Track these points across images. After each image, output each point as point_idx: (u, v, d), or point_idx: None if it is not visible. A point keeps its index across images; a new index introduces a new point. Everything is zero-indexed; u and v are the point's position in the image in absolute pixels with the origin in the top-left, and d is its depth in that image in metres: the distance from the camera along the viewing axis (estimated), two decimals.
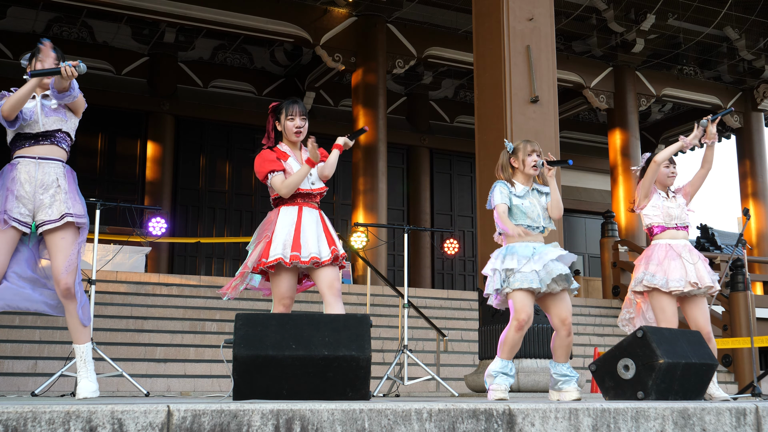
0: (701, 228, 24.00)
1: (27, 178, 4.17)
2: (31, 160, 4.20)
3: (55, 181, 4.21)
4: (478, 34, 8.94)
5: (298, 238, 4.55)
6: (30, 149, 4.23)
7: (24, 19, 15.79)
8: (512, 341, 4.82)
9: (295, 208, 4.65)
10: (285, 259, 4.49)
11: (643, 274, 5.43)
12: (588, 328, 11.87)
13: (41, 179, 4.18)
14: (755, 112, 19.01)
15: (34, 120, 4.24)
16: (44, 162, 4.22)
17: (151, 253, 14.40)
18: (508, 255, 4.84)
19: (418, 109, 19.40)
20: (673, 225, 5.53)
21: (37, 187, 4.17)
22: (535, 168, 4.90)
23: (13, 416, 2.49)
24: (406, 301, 7.96)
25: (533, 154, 4.92)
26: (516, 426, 3.18)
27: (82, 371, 4.45)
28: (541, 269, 4.74)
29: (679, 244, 5.49)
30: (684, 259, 5.41)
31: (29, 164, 4.19)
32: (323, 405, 2.92)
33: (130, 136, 16.93)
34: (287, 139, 4.77)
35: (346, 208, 17.93)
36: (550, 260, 4.75)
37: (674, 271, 5.36)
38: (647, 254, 5.55)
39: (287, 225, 4.59)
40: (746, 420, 3.68)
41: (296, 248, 4.52)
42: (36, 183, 4.16)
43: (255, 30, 15.01)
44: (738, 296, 11.32)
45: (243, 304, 10.23)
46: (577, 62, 17.32)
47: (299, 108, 4.73)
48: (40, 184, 4.17)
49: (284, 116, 4.73)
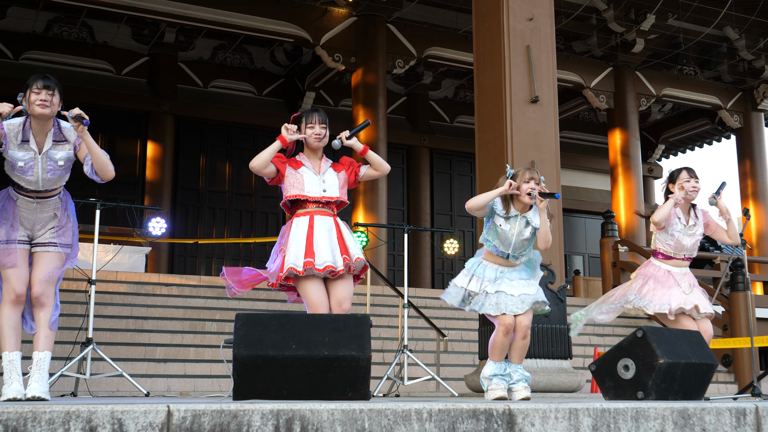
0: None
1: (27, 215, 4.33)
2: (30, 201, 4.32)
3: (52, 217, 4.38)
4: (478, 34, 8.94)
5: (311, 245, 4.54)
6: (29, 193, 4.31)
7: (24, 19, 15.79)
8: (501, 345, 4.96)
9: (306, 218, 4.66)
10: (297, 268, 4.48)
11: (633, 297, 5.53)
12: (588, 328, 11.86)
13: (39, 216, 4.35)
14: (755, 112, 19.01)
15: (34, 179, 4.27)
16: (43, 201, 4.34)
17: (151, 253, 14.40)
18: (474, 276, 5.00)
19: (418, 109, 19.39)
20: (681, 256, 5.56)
21: (36, 223, 4.36)
22: (530, 197, 4.89)
23: (13, 416, 2.49)
24: (406, 301, 7.96)
25: (531, 181, 4.90)
26: (516, 426, 3.18)
27: (36, 376, 4.35)
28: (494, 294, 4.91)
29: (680, 272, 5.54)
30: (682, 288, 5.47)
31: (29, 203, 4.32)
32: (323, 405, 2.92)
33: (130, 136, 16.92)
34: (308, 147, 4.79)
35: (346, 208, 17.91)
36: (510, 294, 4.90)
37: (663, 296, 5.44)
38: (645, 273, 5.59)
39: (299, 235, 4.60)
40: (746, 420, 3.68)
41: (309, 255, 4.50)
42: (35, 219, 4.34)
43: (255, 30, 15.01)
44: (738, 296, 11.32)
45: (243, 304, 10.23)
46: (577, 62, 17.32)
47: (319, 116, 4.77)
48: (38, 219, 4.35)
49: (304, 125, 4.76)
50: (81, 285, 8.43)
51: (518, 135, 8.38)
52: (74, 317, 8.71)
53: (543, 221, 4.95)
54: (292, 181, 4.70)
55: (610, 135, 17.81)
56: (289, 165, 4.73)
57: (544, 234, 4.95)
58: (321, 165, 4.79)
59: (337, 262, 4.56)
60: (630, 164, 17.32)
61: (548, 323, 7.73)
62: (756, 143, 18.83)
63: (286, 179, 4.72)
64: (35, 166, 4.24)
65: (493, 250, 4.99)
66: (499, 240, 4.94)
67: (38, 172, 4.25)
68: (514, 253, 4.96)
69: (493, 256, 5.02)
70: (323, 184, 4.73)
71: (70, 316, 8.82)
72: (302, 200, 4.69)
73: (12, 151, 4.23)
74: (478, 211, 4.95)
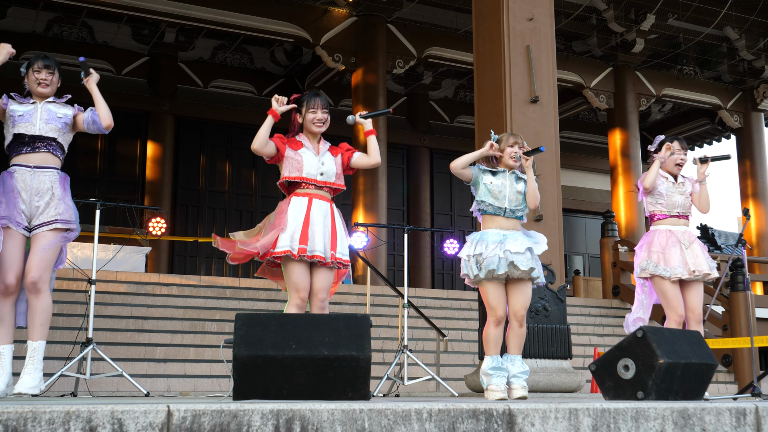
0: (701, 228, 23.99)
1: (23, 186, 4.47)
2: (27, 169, 4.51)
3: (49, 189, 4.52)
4: (478, 34, 8.94)
5: (306, 230, 4.60)
6: (26, 157, 4.53)
7: (24, 19, 15.79)
8: (494, 337, 4.97)
9: (305, 199, 4.69)
10: (293, 252, 4.53)
11: (646, 263, 5.58)
12: (588, 328, 11.87)
13: (36, 187, 4.48)
14: (755, 112, 19.01)
15: (31, 123, 4.54)
16: (39, 171, 4.52)
17: (151, 253, 14.39)
18: (479, 241, 4.96)
19: (418, 109, 19.39)
20: (675, 213, 5.60)
21: (33, 195, 4.47)
22: (514, 159, 5.05)
23: (13, 416, 2.49)
24: (406, 301, 7.96)
25: (515, 146, 5.07)
26: (516, 426, 3.18)
27: (29, 367, 4.57)
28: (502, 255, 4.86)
29: (679, 230, 5.57)
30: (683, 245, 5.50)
31: (25, 173, 4.50)
32: (323, 405, 2.92)
33: (130, 136, 16.92)
34: (308, 130, 4.81)
35: (346, 208, 17.89)
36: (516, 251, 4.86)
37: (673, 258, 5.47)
38: (648, 240, 5.64)
39: (297, 217, 4.62)
40: (746, 420, 3.68)
41: (304, 241, 4.56)
42: (32, 191, 4.47)
43: (255, 30, 15.01)
44: (738, 296, 11.32)
45: (243, 305, 10.23)
46: (577, 62, 17.32)
47: (321, 101, 4.81)
48: (36, 191, 4.48)
49: (306, 108, 4.78)
50: (81, 285, 8.43)
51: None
52: (74, 317, 8.72)
53: (530, 178, 5.07)
54: (291, 161, 4.71)
55: (610, 135, 17.81)
56: (289, 145, 4.75)
57: (532, 191, 5.04)
58: (320, 147, 4.81)
59: (326, 252, 4.64)
60: (630, 164, 17.32)
61: (548, 323, 7.73)
62: (756, 143, 18.83)
63: (285, 159, 4.73)
64: (34, 113, 4.59)
65: (489, 210, 5.01)
66: (492, 196, 4.99)
67: (37, 118, 4.57)
68: (510, 206, 5.00)
69: (492, 220, 5.02)
70: (322, 167, 4.75)
71: (70, 316, 8.83)
72: (299, 183, 4.72)
73: (13, 106, 4.61)
74: (463, 170, 5.01)
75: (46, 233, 4.48)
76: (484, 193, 5.03)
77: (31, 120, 4.55)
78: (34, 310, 4.55)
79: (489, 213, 5.04)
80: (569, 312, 10.87)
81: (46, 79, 4.66)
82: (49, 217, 4.49)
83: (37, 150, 4.52)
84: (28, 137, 4.53)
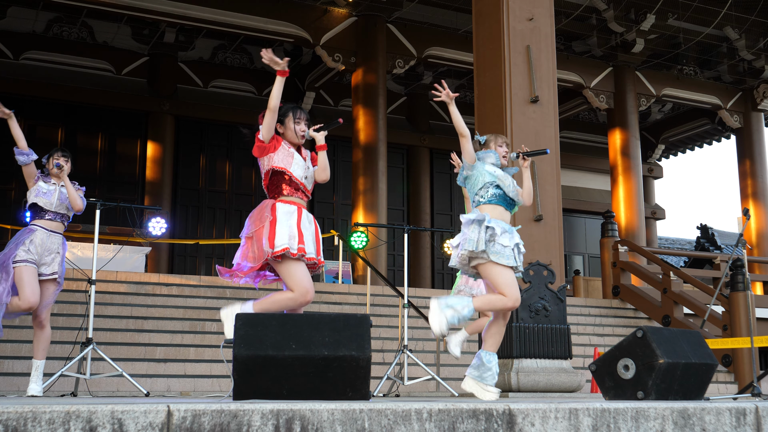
0: (701, 228, 24.00)
1: (39, 242, 6.04)
2: (45, 231, 6.08)
3: (56, 249, 6.13)
4: (478, 34, 8.94)
5: (302, 235, 4.61)
6: (45, 222, 6.12)
7: (24, 19, 15.80)
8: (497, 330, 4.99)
9: (294, 207, 4.67)
10: (292, 250, 4.52)
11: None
12: (588, 328, 11.87)
13: (48, 246, 6.07)
14: (755, 112, 19.01)
15: (50, 201, 6.14)
16: (53, 234, 6.13)
17: (151, 253, 14.40)
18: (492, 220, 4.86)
19: (418, 109, 19.40)
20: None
21: (44, 251, 6.05)
22: (505, 158, 5.05)
23: (13, 416, 2.49)
24: (406, 301, 7.96)
25: (504, 145, 5.09)
26: (516, 426, 3.18)
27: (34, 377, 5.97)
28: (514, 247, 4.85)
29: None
30: None
31: (43, 234, 6.07)
32: (323, 405, 2.92)
33: (130, 136, 16.93)
34: (290, 140, 4.80)
35: (346, 208, 17.93)
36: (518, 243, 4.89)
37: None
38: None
39: (291, 220, 4.60)
40: (746, 420, 3.68)
41: (302, 242, 4.57)
42: (44, 248, 6.05)
43: (255, 30, 15.01)
44: (738, 296, 11.32)
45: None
46: (577, 62, 17.32)
47: (305, 114, 4.86)
48: (47, 249, 6.07)
49: (291, 119, 4.78)
50: (81, 285, 8.43)
51: (518, 135, 8.38)
52: (74, 317, 8.72)
53: (527, 177, 5.08)
54: (282, 155, 4.70)
55: (610, 135, 17.81)
56: (284, 143, 4.75)
57: (528, 189, 5.06)
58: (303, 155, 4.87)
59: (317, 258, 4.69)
60: (630, 164, 17.33)
61: (548, 323, 7.73)
62: (756, 143, 18.84)
63: (277, 152, 4.70)
64: (54, 192, 6.20)
65: (494, 200, 4.93)
66: (500, 181, 4.93)
67: (54, 197, 6.18)
68: (514, 197, 4.99)
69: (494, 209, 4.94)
70: (307, 171, 4.76)
71: (70, 316, 8.83)
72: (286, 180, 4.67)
73: (40, 183, 6.21)
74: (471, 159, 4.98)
75: (49, 285, 6.07)
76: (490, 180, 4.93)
77: (50, 197, 6.14)
78: (39, 338, 6.06)
79: (492, 202, 4.95)
80: (569, 312, 10.87)
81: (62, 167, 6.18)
82: (52, 271, 6.07)
83: (54, 219, 6.15)
84: (46, 210, 6.13)
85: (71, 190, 6.17)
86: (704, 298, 12.30)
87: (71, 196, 6.15)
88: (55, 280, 6.13)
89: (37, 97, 15.96)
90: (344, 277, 13.91)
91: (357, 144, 15.34)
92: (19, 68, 15.91)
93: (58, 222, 6.17)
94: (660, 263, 12.74)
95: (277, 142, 4.72)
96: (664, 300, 12.23)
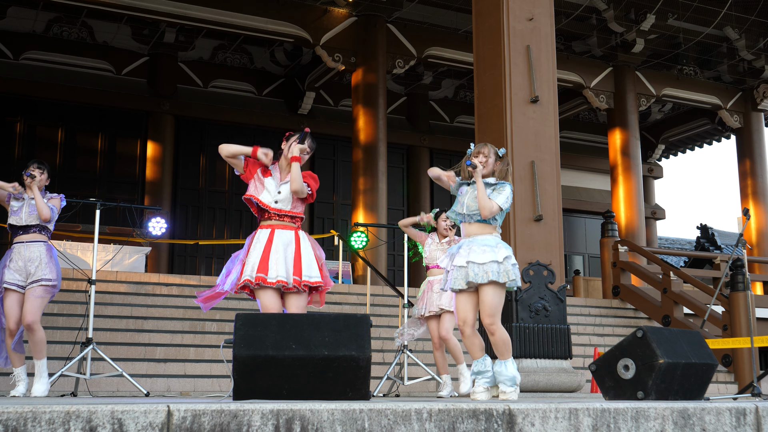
0: (701, 228, 23.99)
1: (19, 256, 6.18)
2: (22, 244, 6.21)
3: (38, 258, 6.17)
4: (478, 34, 8.94)
5: (266, 260, 4.78)
6: (21, 237, 6.25)
7: (24, 19, 15.79)
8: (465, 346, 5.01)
9: (267, 230, 4.89)
10: (252, 280, 4.75)
11: None
12: (588, 328, 11.87)
13: (28, 256, 6.17)
14: (755, 112, 19.01)
15: (20, 218, 6.25)
16: (31, 244, 6.22)
17: (151, 253, 14.39)
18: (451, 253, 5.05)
19: (418, 109, 19.39)
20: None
21: (26, 261, 6.16)
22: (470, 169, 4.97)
23: (13, 416, 2.49)
24: (406, 301, 7.96)
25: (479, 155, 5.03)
26: (516, 426, 3.18)
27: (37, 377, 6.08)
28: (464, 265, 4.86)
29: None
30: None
31: (21, 247, 6.22)
32: (323, 405, 2.92)
33: (130, 136, 16.92)
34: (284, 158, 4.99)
35: (346, 208, 17.92)
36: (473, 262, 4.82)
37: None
38: None
39: (258, 248, 4.84)
40: (746, 420, 3.69)
41: (263, 270, 4.74)
42: (25, 259, 6.16)
43: (255, 30, 15.00)
44: (738, 296, 11.32)
45: (243, 304, 10.22)
46: (577, 62, 17.32)
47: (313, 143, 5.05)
48: (28, 259, 6.17)
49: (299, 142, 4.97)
50: (81, 285, 8.43)
51: (518, 135, 8.38)
52: (74, 317, 8.72)
53: (478, 184, 4.90)
54: (255, 184, 4.94)
55: (610, 135, 17.80)
56: (260, 171, 4.94)
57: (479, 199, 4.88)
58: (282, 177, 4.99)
59: (289, 278, 4.78)
60: (630, 164, 17.32)
61: (548, 323, 7.73)
62: (756, 143, 18.83)
63: (250, 183, 4.95)
64: (23, 208, 6.29)
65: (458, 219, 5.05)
66: (459, 205, 5.02)
67: (24, 212, 6.27)
68: (468, 212, 4.95)
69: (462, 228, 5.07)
70: (278, 195, 4.91)
71: (70, 316, 8.83)
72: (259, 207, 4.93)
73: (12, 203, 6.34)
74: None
75: (35, 288, 6.10)
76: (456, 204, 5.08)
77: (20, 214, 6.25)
78: (34, 342, 6.12)
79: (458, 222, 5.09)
80: (569, 312, 10.87)
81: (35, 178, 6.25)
82: (38, 277, 6.11)
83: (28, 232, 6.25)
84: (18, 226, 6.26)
85: (39, 200, 6.22)
86: (704, 298, 12.30)
87: (38, 206, 6.21)
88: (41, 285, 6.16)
89: (37, 97, 15.95)
90: (344, 277, 13.91)
91: (357, 144, 15.33)
92: (19, 68, 15.90)
93: (33, 233, 6.26)
94: (660, 263, 12.74)
95: (250, 173, 4.95)
96: (664, 300, 12.23)
